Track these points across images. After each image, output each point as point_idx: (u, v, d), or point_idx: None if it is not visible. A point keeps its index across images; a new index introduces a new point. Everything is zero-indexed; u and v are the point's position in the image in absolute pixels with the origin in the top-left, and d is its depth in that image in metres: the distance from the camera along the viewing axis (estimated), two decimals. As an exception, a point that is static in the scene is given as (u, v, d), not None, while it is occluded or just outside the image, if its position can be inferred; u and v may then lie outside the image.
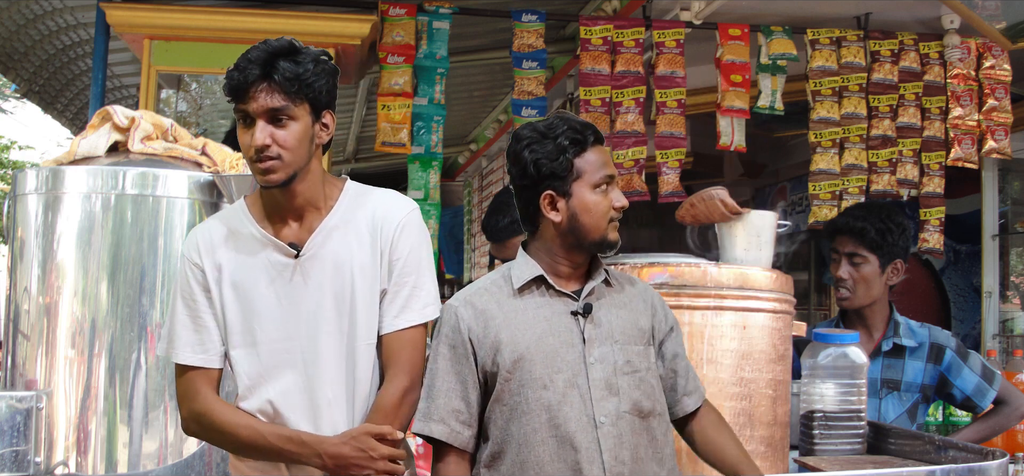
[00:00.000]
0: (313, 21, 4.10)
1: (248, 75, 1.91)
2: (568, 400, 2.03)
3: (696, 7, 4.55)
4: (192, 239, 2.06)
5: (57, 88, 5.77)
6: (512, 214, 2.80)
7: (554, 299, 2.10)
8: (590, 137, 2.09)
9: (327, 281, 2.04)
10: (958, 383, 3.02)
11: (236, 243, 2.04)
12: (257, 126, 1.93)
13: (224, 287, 2.02)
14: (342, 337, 2.05)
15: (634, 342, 2.11)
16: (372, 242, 2.07)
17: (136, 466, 2.30)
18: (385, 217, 2.09)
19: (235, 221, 2.06)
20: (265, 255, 2.03)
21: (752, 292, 2.63)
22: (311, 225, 2.05)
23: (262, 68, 1.91)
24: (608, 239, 2.11)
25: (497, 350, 2.07)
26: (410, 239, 2.10)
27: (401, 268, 2.08)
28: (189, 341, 2.02)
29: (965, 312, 5.99)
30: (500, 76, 5.95)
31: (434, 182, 4.52)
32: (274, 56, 1.92)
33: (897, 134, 4.81)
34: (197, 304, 2.03)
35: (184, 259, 2.05)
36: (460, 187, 9.05)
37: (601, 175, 2.08)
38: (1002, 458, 2.47)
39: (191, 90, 4.62)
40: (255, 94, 1.92)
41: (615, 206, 2.10)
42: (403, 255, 2.08)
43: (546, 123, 2.12)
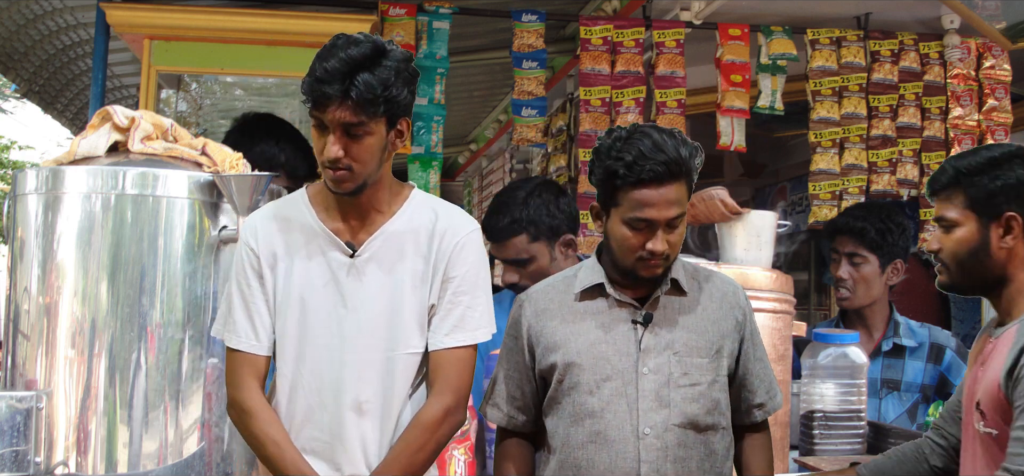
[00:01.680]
0: (313, 21, 4.09)
1: (327, 90, 1.86)
2: (612, 408, 2.02)
3: (696, 7, 4.55)
4: (251, 223, 2.09)
5: (57, 88, 5.77)
6: (512, 214, 2.79)
7: (616, 306, 2.08)
8: (640, 177, 1.95)
9: (378, 285, 2.03)
10: (958, 383, 3.02)
11: (294, 232, 2.06)
12: (331, 137, 1.91)
13: (278, 274, 2.04)
14: (384, 343, 2.04)
15: (697, 354, 2.05)
16: (428, 254, 2.06)
17: (136, 466, 2.30)
18: (446, 231, 2.07)
19: (295, 210, 2.08)
20: (321, 249, 2.04)
21: (752, 292, 2.63)
22: (371, 227, 2.05)
23: (341, 83, 1.86)
24: (637, 273, 2.03)
25: (552, 351, 2.08)
26: (470, 258, 2.08)
27: (457, 286, 2.06)
28: (242, 326, 2.05)
29: (965, 312, 5.98)
30: (500, 76, 5.94)
31: (434, 182, 4.52)
32: (355, 69, 1.86)
33: (897, 134, 4.81)
34: (251, 290, 2.05)
35: (241, 243, 2.08)
36: (460, 187, 9.05)
37: (636, 215, 1.97)
38: (1002, 458, 2.47)
39: (191, 90, 4.62)
40: (332, 109, 1.88)
41: (647, 248, 1.99)
42: (460, 273, 2.06)
43: (625, 135, 2.01)
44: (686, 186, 2.01)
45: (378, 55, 1.89)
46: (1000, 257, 1.85)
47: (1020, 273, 1.86)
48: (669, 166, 1.95)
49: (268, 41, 4.06)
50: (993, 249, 1.84)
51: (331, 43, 1.91)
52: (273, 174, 2.47)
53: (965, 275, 1.89)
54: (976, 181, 1.85)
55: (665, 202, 1.96)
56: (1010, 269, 1.85)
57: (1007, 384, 1.74)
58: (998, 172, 1.83)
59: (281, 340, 2.06)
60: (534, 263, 2.79)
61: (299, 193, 2.12)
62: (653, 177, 1.95)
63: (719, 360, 2.07)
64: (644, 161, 1.94)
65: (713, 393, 2.05)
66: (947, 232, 1.89)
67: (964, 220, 1.86)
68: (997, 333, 1.87)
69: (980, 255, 1.85)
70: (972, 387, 1.91)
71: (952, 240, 1.88)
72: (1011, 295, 1.86)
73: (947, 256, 1.90)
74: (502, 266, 2.92)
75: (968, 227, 1.86)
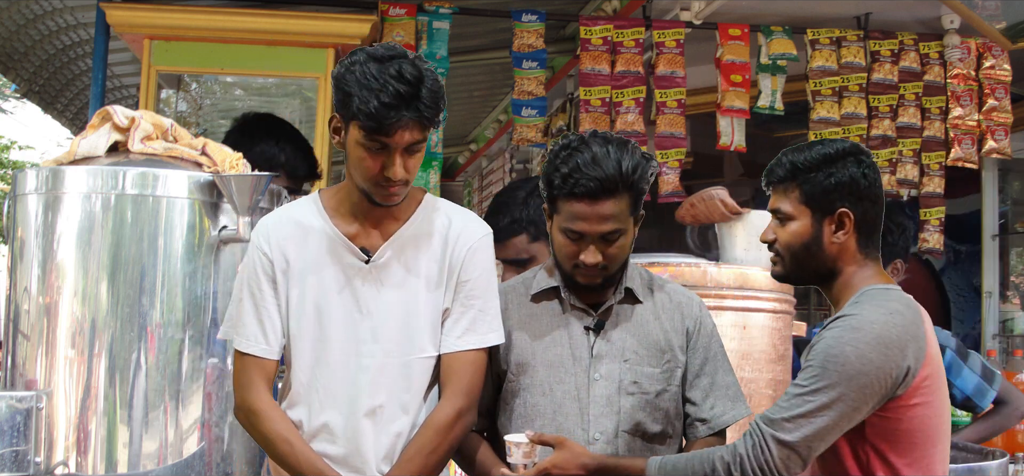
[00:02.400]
0: (313, 21, 4.09)
1: (405, 114, 1.87)
2: (564, 411, 2.04)
3: (696, 7, 4.56)
4: (263, 227, 2.08)
5: (57, 88, 5.77)
6: (512, 214, 2.79)
7: (570, 311, 2.10)
8: (570, 190, 1.96)
9: (394, 290, 2.04)
10: (958, 383, 3.02)
11: (307, 238, 2.05)
12: (395, 158, 1.91)
13: (291, 279, 2.04)
14: (400, 348, 2.05)
15: (647, 362, 2.06)
16: (442, 258, 2.07)
17: (136, 466, 2.30)
18: (460, 236, 2.08)
19: (308, 215, 2.07)
20: (336, 255, 2.03)
21: (752, 292, 2.63)
22: (386, 232, 2.05)
23: (410, 105, 1.87)
24: (576, 280, 2.06)
25: (507, 350, 2.09)
26: (483, 262, 2.09)
27: (470, 289, 2.07)
28: (252, 330, 2.04)
29: (965, 312, 5.99)
30: (500, 76, 5.94)
31: (434, 182, 4.52)
32: (417, 87, 1.88)
33: (897, 134, 4.81)
34: (263, 294, 2.04)
35: (253, 247, 2.06)
36: (460, 187, 9.05)
37: (568, 226, 2.00)
38: (1002, 458, 2.48)
39: (191, 90, 4.62)
40: (401, 132, 1.89)
41: (580, 259, 2.01)
42: (473, 277, 2.07)
43: (571, 145, 2.01)
44: (629, 201, 1.99)
45: (420, 64, 1.91)
46: (832, 251, 1.90)
47: (849, 267, 1.91)
48: (603, 183, 1.94)
49: (268, 41, 4.06)
50: (825, 243, 1.90)
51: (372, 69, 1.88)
52: (273, 174, 2.46)
53: (797, 266, 1.94)
54: (811, 177, 1.89)
55: (597, 217, 1.96)
56: (841, 262, 1.91)
57: (806, 357, 1.82)
58: (832, 169, 1.88)
59: (296, 346, 2.05)
60: (534, 263, 2.78)
61: (311, 198, 2.12)
62: (585, 192, 1.95)
63: (671, 370, 2.08)
64: (578, 175, 1.95)
65: (662, 402, 2.06)
66: (782, 224, 1.94)
67: (798, 214, 1.91)
68: (823, 324, 1.92)
69: (812, 248, 1.90)
70: None
71: (786, 233, 1.93)
72: (840, 288, 1.92)
73: (781, 247, 1.95)
74: (502, 266, 2.91)
75: (802, 221, 1.91)
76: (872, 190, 1.90)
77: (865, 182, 1.88)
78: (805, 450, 1.76)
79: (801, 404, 1.76)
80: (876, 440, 1.81)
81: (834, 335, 1.78)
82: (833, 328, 1.80)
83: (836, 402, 1.74)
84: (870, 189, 1.89)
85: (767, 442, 1.76)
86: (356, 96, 1.87)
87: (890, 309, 1.81)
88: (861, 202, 1.88)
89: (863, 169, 1.89)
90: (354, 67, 1.90)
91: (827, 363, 1.75)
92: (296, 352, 2.06)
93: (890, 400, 1.78)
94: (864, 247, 1.91)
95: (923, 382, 1.79)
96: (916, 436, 1.81)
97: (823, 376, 1.75)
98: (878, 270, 1.94)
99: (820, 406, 1.74)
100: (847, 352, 1.75)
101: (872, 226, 1.92)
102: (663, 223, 4.10)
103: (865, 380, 1.74)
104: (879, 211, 1.92)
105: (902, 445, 1.80)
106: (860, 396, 1.75)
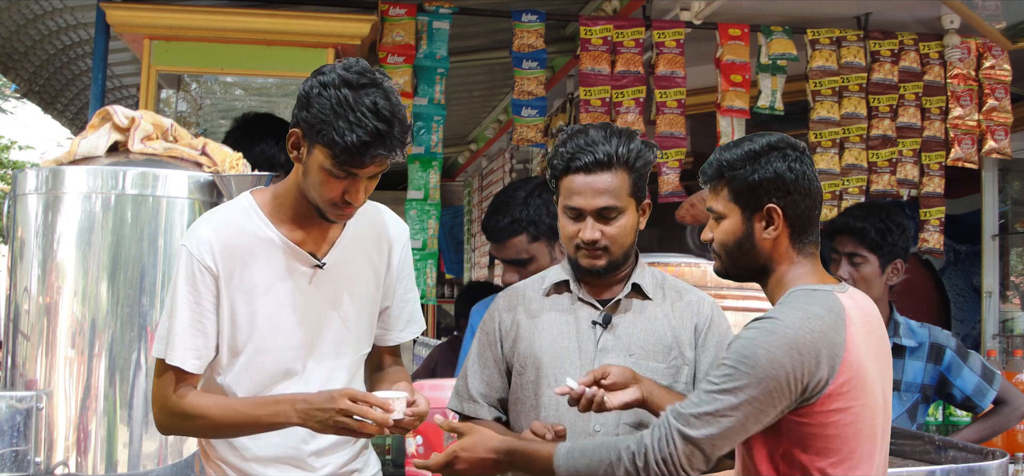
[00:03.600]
0: (313, 21, 4.09)
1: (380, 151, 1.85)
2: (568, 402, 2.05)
3: (696, 7, 4.55)
4: (203, 240, 1.97)
5: (57, 88, 5.77)
6: (512, 214, 2.80)
7: (579, 305, 2.13)
8: (568, 165, 2.05)
9: (341, 293, 2.05)
10: (958, 383, 3.02)
11: (252, 247, 1.99)
12: (359, 185, 1.91)
13: (235, 293, 1.98)
14: (351, 348, 2.07)
15: (653, 358, 2.09)
16: (380, 257, 2.12)
17: (136, 466, 2.30)
18: (394, 237, 2.14)
19: (248, 222, 2.01)
20: (285, 262, 2.01)
21: (752, 292, 2.63)
22: (330, 237, 2.05)
23: (384, 142, 1.85)
24: (578, 263, 2.11)
25: (516, 341, 2.13)
26: (410, 256, 2.20)
27: (407, 284, 2.18)
28: (189, 345, 1.96)
29: (965, 312, 5.98)
30: (500, 76, 5.94)
31: (434, 182, 4.51)
32: (390, 120, 1.85)
33: (897, 134, 4.81)
34: (202, 309, 1.97)
35: (193, 259, 1.96)
36: (460, 187, 9.04)
37: (566, 203, 2.08)
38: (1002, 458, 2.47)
39: (191, 90, 4.62)
40: (372, 166, 1.88)
41: (579, 237, 2.07)
42: (408, 272, 2.18)
43: (567, 133, 2.11)
44: (627, 179, 2.05)
45: (390, 95, 1.88)
46: (765, 247, 1.89)
47: (781, 264, 1.90)
48: (596, 154, 2.02)
49: (268, 41, 4.06)
50: (757, 240, 1.88)
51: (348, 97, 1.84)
52: (273, 174, 2.47)
53: (734, 263, 1.94)
54: (738, 174, 1.88)
55: (592, 190, 2.03)
56: (775, 258, 1.90)
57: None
58: (757, 164, 1.87)
59: (243, 356, 2.01)
60: (534, 263, 2.79)
61: (247, 202, 2.04)
62: (581, 165, 2.03)
63: (677, 368, 2.10)
64: (574, 149, 2.04)
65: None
66: (717, 222, 1.94)
67: (729, 212, 1.91)
68: (748, 324, 1.91)
69: (745, 246, 1.90)
70: None
71: (721, 230, 1.93)
72: (775, 284, 1.91)
73: (718, 246, 1.95)
74: (502, 266, 2.92)
75: (733, 219, 1.90)
76: (801, 183, 1.87)
77: (791, 175, 1.86)
78: (709, 448, 1.75)
79: (710, 402, 1.74)
80: (792, 444, 1.79)
81: (750, 336, 1.77)
82: (751, 328, 1.79)
83: (744, 404, 1.73)
84: (798, 182, 1.87)
85: (673, 435, 1.75)
86: (331, 125, 1.82)
87: (808, 313, 1.78)
88: (789, 196, 1.86)
89: (789, 163, 1.87)
90: (327, 90, 1.84)
91: (739, 363, 1.74)
92: (243, 362, 2.01)
93: (805, 404, 1.76)
94: (798, 242, 1.89)
95: (841, 388, 1.76)
96: (837, 440, 1.78)
97: (734, 376, 1.74)
98: (813, 267, 1.91)
99: (728, 406, 1.73)
100: (759, 354, 1.73)
101: (805, 220, 1.89)
102: (663, 223, 4.10)
103: (774, 384, 1.73)
104: (812, 204, 1.90)
105: (822, 448, 1.78)
106: (768, 399, 1.73)
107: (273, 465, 2.03)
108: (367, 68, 1.89)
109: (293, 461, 2.04)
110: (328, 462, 2.07)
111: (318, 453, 2.06)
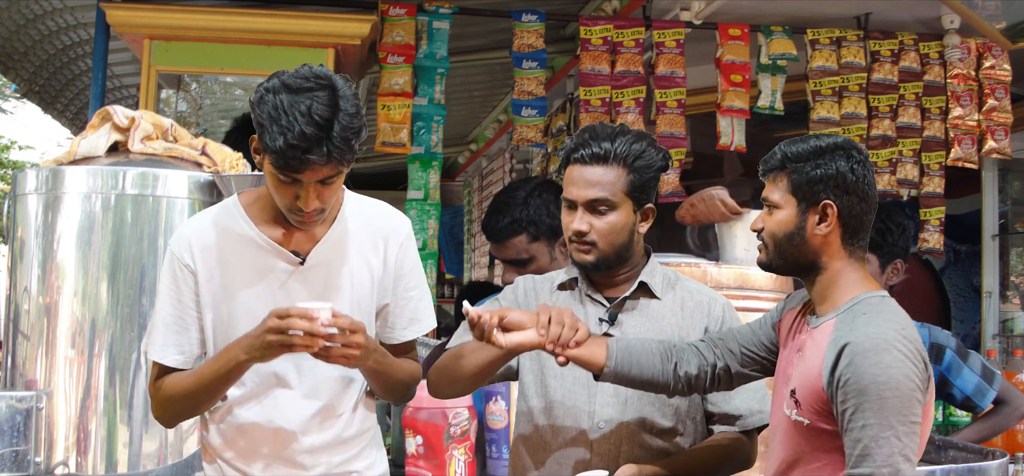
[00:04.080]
0: (313, 21, 4.09)
1: (310, 158, 1.82)
2: (574, 396, 2.08)
3: (696, 7, 4.55)
4: (183, 239, 2.00)
5: (57, 88, 5.77)
6: (512, 214, 2.79)
7: (588, 302, 2.13)
8: (574, 156, 2.07)
9: (327, 291, 2.03)
10: (958, 383, 3.02)
11: (232, 246, 2.00)
12: (307, 190, 1.88)
13: (216, 292, 1.99)
14: None
15: None
16: (374, 254, 2.09)
17: (136, 466, 2.30)
18: (391, 231, 2.11)
19: (231, 221, 2.02)
20: (265, 261, 2.00)
21: (752, 292, 2.63)
22: (313, 236, 2.03)
23: (319, 147, 1.81)
24: (573, 257, 2.10)
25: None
26: (413, 253, 2.15)
27: (408, 282, 2.13)
28: (172, 341, 1.99)
29: (965, 312, 5.98)
30: (500, 76, 5.95)
31: (434, 182, 4.52)
32: (327, 126, 1.81)
33: (897, 134, 4.81)
34: (182, 306, 1.99)
35: (174, 258, 1.99)
36: (460, 187, 9.05)
37: (564, 195, 2.09)
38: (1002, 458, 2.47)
39: (191, 90, 4.63)
40: (310, 171, 1.85)
41: (571, 228, 2.06)
42: (410, 268, 2.13)
43: (588, 126, 2.12)
44: (623, 176, 2.04)
45: (336, 100, 1.84)
46: (814, 243, 1.90)
47: (834, 263, 1.91)
48: (593, 147, 2.04)
49: (268, 41, 4.06)
50: (808, 235, 1.89)
51: (284, 101, 1.82)
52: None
53: (780, 256, 1.94)
54: (800, 167, 1.89)
55: (585, 182, 2.04)
56: (824, 257, 1.90)
57: (830, 384, 1.79)
58: (820, 161, 1.88)
59: None
60: (534, 263, 2.79)
61: (231, 203, 2.05)
62: (578, 158, 2.06)
63: None
64: (578, 141, 2.07)
65: (673, 398, 2.07)
66: (770, 213, 1.95)
67: (785, 204, 1.92)
68: (813, 322, 1.92)
69: (795, 239, 1.90)
70: (786, 370, 1.95)
71: (773, 221, 1.94)
72: (825, 283, 1.92)
73: (767, 236, 1.96)
74: (502, 266, 2.91)
75: (788, 211, 1.91)
76: (860, 186, 1.88)
77: (853, 177, 1.88)
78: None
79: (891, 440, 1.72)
80: None
81: (884, 361, 1.75)
82: (863, 353, 1.76)
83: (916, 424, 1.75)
84: (858, 185, 1.88)
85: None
86: (267, 131, 1.82)
87: (904, 321, 1.83)
88: (847, 196, 1.87)
89: (852, 164, 1.88)
90: (268, 95, 1.84)
91: (883, 391, 1.73)
92: None
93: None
94: (849, 244, 1.90)
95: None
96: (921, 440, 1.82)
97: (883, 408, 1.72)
98: (866, 272, 1.94)
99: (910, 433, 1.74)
100: (894, 375, 1.74)
101: (858, 223, 1.90)
102: (663, 223, 4.09)
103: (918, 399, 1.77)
104: (867, 209, 1.91)
105: None
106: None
107: (266, 462, 2.03)
108: (316, 73, 1.87)
109: (286, 460, 2.04)
110: (318, 461, 2.06)
111: (310, 451, 2.05)
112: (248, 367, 1.92)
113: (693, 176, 5.94)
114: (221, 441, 2.05)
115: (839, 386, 1.77)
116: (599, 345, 1.95)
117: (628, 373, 1.95)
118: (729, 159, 6.98)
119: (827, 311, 1.90)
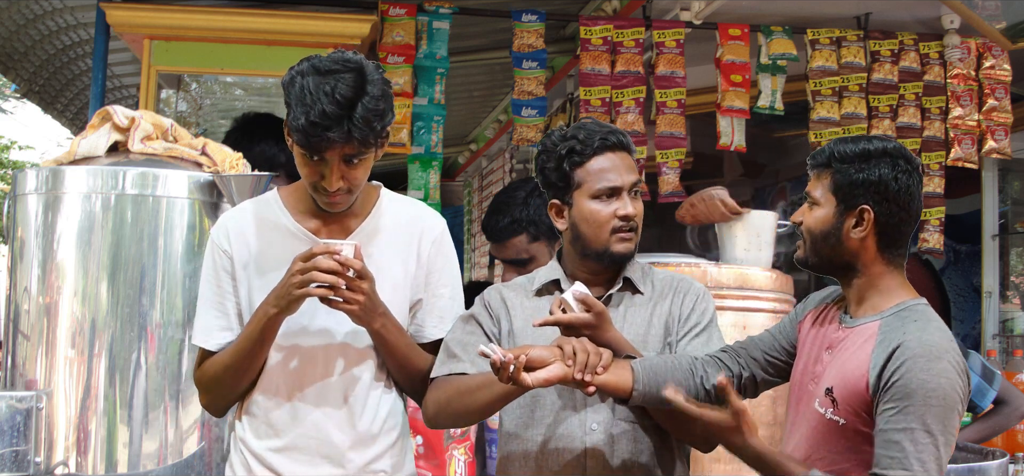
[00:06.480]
0: (313, 21, 4.09)
1: (331, 136, 1.87)
2: (564, 399, 2.06)
3: (696, 7, 4.55)
4: (222, 225, 2.09)
5: (57, 88, 5.77)
6: (512, 214, 2.79)
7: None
8: (595, 146, 2.05)
9: None
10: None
11: (269, 235, 2.06)
12: (331, 169, 1.92)
13: (252, 277, 2.04)
14: (367, 340, 2.06)
15: (646, 351, 2.06)
16: (408, 251, 2.12)
17: (136, 466, 2.30)
18: (425, 229, 2.14)
19: (269, 212, 2.09)
20: (298, 249, 2.02)
21: (752, 292, 2.64)
22: (348, 227, 2.08)
23: (341, 127, 1.86)
24: (610, 251, 2.06)
25: (510, 339, 2.11)
26: (447, 252, 2.18)
27: (439, 278, 2.15)
28: (213, 324, 2.05)
29: (965, 312, 5.99)
30: (500, 76, 5.94)
31: (434, 182, 4.52)
32: (350, 107, 1.86)
33: (897, 134, 4.80)
34: (222, 290, 2.06)
35: (213, 244, 2.07)
36: (460, 187, 9.04)
37: (602, 186, 2.04)
38: (1002, 458, 2.48)
39: (191, 90, 4.62)
40: (332, 150, 1.90)
41: (618, 214, 2.03)
42: (441, 266, 2.15)
43: (563, 131, 2.11)
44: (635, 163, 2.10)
45: (362, 82, 1.89)
46: (850, 245, 1.89)
47: (873, 267, 1.90)
48: (616, 135, 2.07)
49: (268, 41, 4.06)
50: (844, 236, 1.89)
51: (310, 82, 1.88)
52: (273, 174, 2.47)
53: (816, 253, 1.95)
54: (844, 168, 1.89)
55: (625, 167, 2.06)
56: (862, 260, 1.90)
57: (876, 385, 1.78)
58: (865, 164, 1.88)
59: None
60: (534, 263, 2.79)
61: (271, 195, 2.12)
62: (606, 145, 2.05)
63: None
64: (594, 133, 2.06)
65: None
66: (810, 208, 1.95)
67: (825, 202, 1.92)
68: (849, 322, 1.91)
69: (831, 239, 1.91)
70: (813, 368, 1.94)
71: (812, 217, 1.94)
72: (862, 286, 1.92)
73: (805, 231, 1.96)
74: (502, 266, 2.91)
75: (827, 209, 1.91)
76: (902, 196, 1.87)
77: (895, 186, 1.86)
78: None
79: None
80: None
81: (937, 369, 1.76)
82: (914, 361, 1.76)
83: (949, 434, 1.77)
84: (900, 195, 1.86)
85: None
86: (293, 111, 1.89)
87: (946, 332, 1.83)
88: (886, 204, 1.86)
89: (897, 173, 1.86)
90: (297, 77, 1.90)
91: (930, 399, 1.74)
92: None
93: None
94: (886, 251, 1.89)
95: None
96: None
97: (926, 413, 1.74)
98: (906, 280, 1.93)
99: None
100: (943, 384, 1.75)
101: (895, 232, 1.89)
102: (663, 223, 4.10)
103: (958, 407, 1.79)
104: (907, 219, 1.89)
105: None
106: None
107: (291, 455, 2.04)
108: (346, 57, 1.92)
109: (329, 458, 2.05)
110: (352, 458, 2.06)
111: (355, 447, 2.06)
112: (279, 322, 1.97)
113: (693, 176, 5.95)
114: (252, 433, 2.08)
115: (885, 387, 1.76)
116: (623, 368, 1.91)
117: (657, 394, 1.89)
118: (729, 159, 6.99)
119: (867, 313, 1.89)
